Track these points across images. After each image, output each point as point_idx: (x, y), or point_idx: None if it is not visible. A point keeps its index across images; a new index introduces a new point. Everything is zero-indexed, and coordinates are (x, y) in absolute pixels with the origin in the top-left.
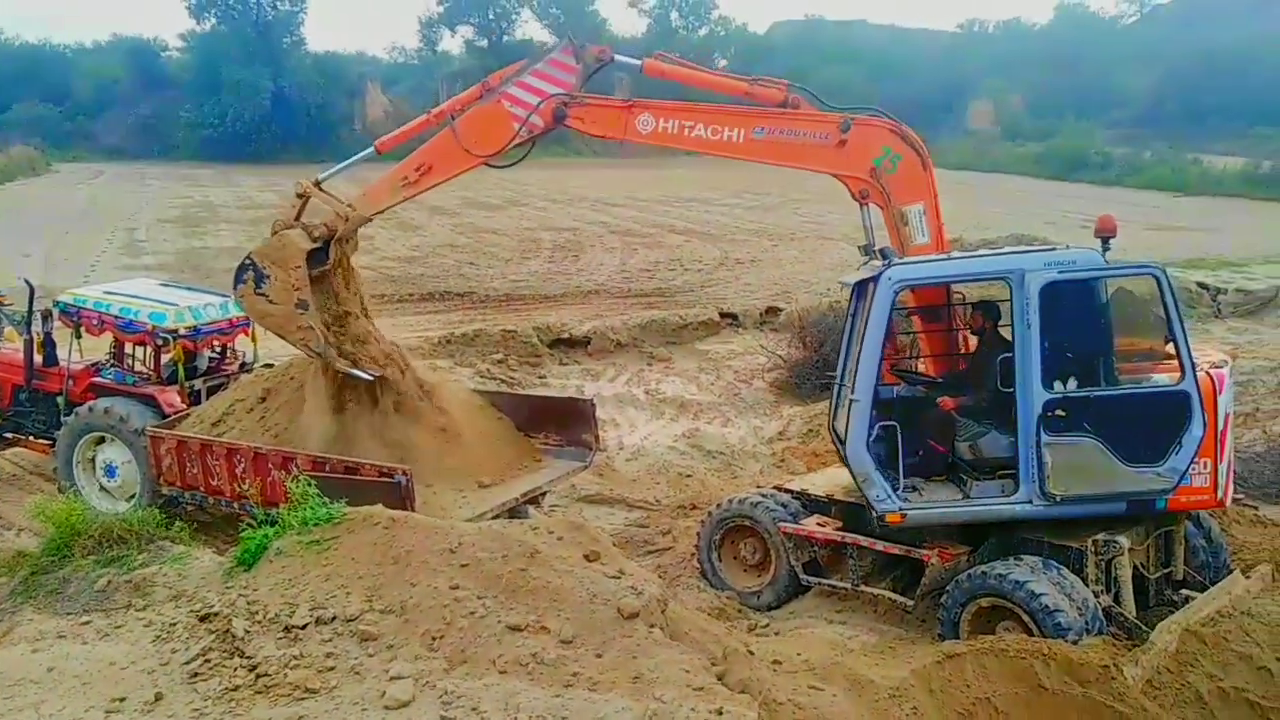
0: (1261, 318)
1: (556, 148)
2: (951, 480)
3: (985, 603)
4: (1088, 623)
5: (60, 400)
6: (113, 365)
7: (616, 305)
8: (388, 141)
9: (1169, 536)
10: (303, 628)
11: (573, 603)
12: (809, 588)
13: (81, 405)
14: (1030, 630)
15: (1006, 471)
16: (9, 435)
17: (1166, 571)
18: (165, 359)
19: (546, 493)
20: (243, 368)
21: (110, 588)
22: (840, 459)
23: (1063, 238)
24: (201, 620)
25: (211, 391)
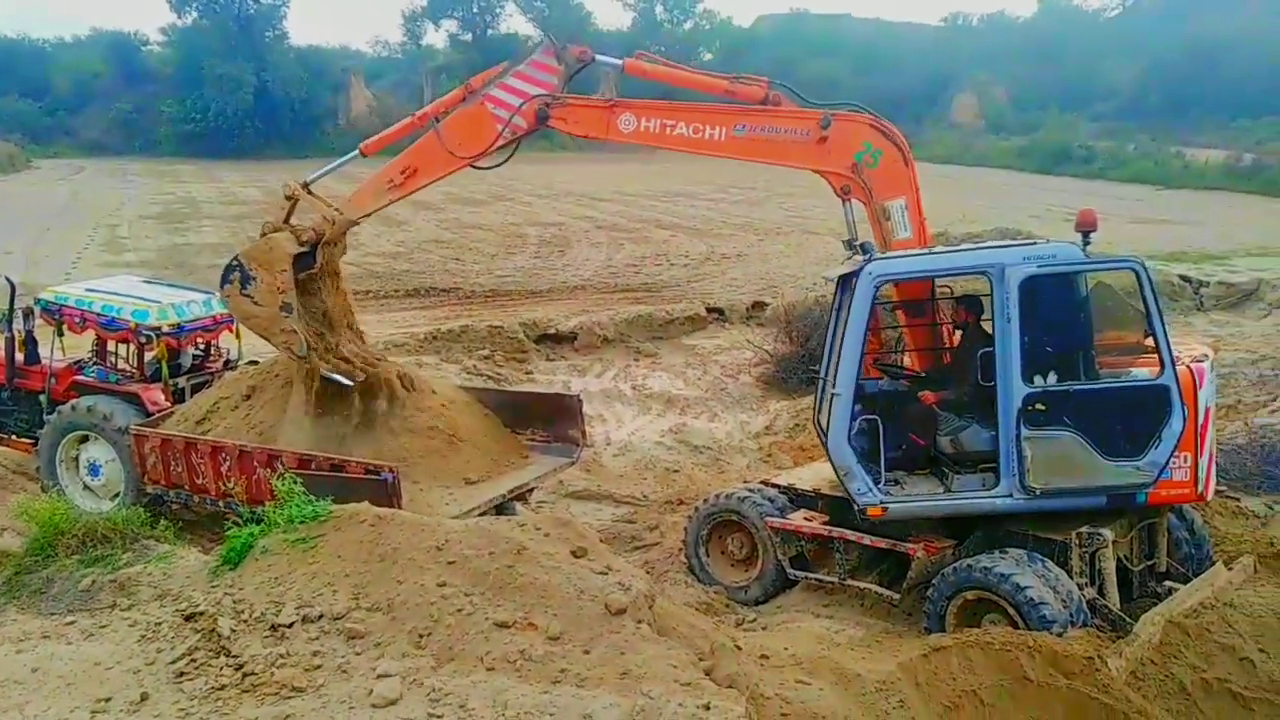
0: (1243, 310)
1: (542, 143)
2: (933, 474)
3: (971, 596)
4: (1072, 615)
5: (43, 399)
6: (95, 363)
7: (603, 300)
8: (373, 144)
9: (1152, 529)
10: (289, 626)
11: (560, 599)
12: (796, 582)
13: (64, 404)
14: (1015, 623)
15: (987, 465)
16: None
17: (1150, 564)
18: (149, 356)
19: (534, 489)
20: (227, 365)
21: (95, 587)
22: (825, 453)
23: (1047, 231)
24: (187, 619)
25: (195, 389)
